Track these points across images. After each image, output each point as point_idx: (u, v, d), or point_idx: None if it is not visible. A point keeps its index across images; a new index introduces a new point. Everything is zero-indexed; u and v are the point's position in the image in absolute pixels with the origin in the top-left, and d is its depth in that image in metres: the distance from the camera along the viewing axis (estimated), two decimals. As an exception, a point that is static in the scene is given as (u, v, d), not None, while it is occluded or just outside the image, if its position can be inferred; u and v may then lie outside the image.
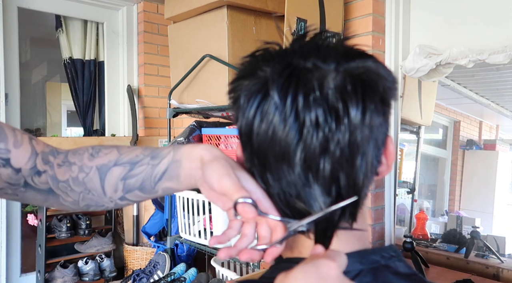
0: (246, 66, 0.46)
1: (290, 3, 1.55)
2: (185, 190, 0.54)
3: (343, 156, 0.41)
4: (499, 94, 3.01)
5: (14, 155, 0.56)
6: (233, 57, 1.85)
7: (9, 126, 0.58)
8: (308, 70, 0.41)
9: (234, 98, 0.46)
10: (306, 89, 0.40)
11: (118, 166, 0.56)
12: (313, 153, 0.40)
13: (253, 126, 0.42)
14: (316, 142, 0.40)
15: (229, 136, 1.92)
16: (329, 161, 0.40)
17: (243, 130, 0.44)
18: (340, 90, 0.40)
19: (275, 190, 0.43)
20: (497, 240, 1.90)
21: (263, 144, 0.42)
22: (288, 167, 0.41)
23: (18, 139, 0.56)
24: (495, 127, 4.63)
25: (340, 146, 0.40)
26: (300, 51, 0.44)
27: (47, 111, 4.46)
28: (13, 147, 0.56)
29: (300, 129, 0.40)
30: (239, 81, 0.45)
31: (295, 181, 0.42)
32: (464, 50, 1.50)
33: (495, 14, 1.54)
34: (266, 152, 0.42)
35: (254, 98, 0.42)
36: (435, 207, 3.67)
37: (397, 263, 0.47)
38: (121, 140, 2.72)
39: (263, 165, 0.43)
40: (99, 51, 2.84)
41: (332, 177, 0.41)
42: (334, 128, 0.40)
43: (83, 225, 2.37)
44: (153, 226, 2.42)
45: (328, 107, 0.40)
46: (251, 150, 0.44)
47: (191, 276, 1.99)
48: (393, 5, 1.76)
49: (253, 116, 0.42)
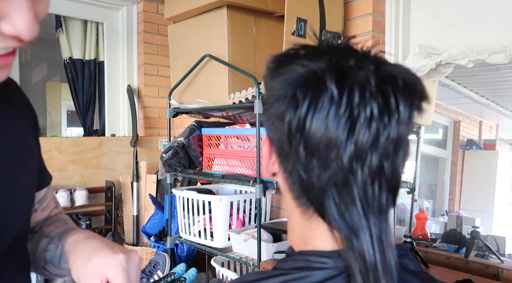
0: (285, 60, 0.46)
1: (290, 3, 1.55)
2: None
3: (390, 149, 0.42)
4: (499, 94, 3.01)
5: (35, 216, 0.77)
6: (233, 57, 1.85)
7: (53, 194, 0.82)
8: (354, 68, 0.43)
9: (278, 90, 0.45)
10: (361, 84, 0.41)
11: (45, 237, 0.73)
12: (364, 145, 0.41)
13: (307, 116, 0.42)
14: (368, 135, 0.41)
15: (229, 136, 1.92)
16: (376, 153, 0.42)
17: (293, 120, 0.43)
18: (391, 87, 0.42)
19: (320, 178, 0.43)
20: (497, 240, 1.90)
21: (315, 133, 0.42)
22: (337, 156, 0.42)
23: (49, 207, 0.80)
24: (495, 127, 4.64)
25: (389, 140, 0.42)
26: (337, 51, 0.45)
27: (47, 111, 4.46)
28: (40, 210, 0.78)
29: (354, 121, 0.41)
30: (281, 75, 0.45)
31: (341, 169, 0.42)
32: (464, 50, 1.50)
33: (495, 14, 1.54)
34: (318, 141, 0.42)
35: (308, 89, 0.42)
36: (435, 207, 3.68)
37: (407, 260, 0.48)
38: (121, 140, 2.72)
39: (311, 153, 0.43)
40: (99, 51, 2.84)
41: (378, 168, 0.42)
42: (386, 122, 0.41)
43: (83, 225, 2.37)
44: (153, 226, 2.42)
45: (382, 102, 0.41)
46: (299, 138, 0.43)
47: (191, 276, 1.99)
48: (393, 5, 1.76)
49: (308, 106, 0.42)
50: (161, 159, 2.04)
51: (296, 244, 0.51)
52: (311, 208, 0.46)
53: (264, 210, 2.03)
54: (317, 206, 0.45)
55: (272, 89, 0.46)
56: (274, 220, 2.07)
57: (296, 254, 0.49)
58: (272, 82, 0.47)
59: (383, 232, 0.43)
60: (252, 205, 1.94)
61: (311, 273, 0.44)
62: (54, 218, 0.80)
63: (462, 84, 2.59)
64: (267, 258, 1.63)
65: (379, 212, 0.43)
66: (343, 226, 0.43)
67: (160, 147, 2.85)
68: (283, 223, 1.97)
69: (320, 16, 1.68)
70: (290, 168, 0.46)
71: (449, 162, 3.83)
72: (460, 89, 2.56)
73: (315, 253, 0.46)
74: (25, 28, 0.44)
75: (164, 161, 2.04)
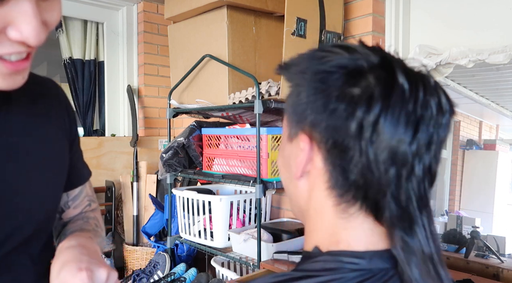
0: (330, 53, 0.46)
1: (290, 3, 1.55)
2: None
3: (438, 149, 0.45)
4: (499, 94, 3.01)
5: (67, 212, 0.83)
6: (233, 57, 1.85)
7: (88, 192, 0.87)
8: (410, 69, 0.45)
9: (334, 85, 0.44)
10: (423, 82, 0.43)
11: (62, 235, 0.78)
12: (422, 143, 0.43)
13: (380, 113, 0.42)
14: (427, 134, 0.43)
15: (229, 136, 1.92)
16: (430, 152, 0.44)
17: (365, 119, 0.42)
18: (443, 91, 0.44)
19: (385, 175, 0.43)
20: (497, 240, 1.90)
21: (386, 132, 0.42)
22: (403, 154, 0.43)
23: (81, 204, 0.84)
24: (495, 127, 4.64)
25: (439, 140, 0.44)
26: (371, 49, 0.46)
27: (47, 111, 4.45)
28: (73, 208, 0.83)
29: (418, 120, 0.42)
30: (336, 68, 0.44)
31: (405, 166, 0.43)
32: (464, 50, 1.50)
33: (495, 14, 1.54)
34: (388, 139, 0.42)
35: (379, 84, 0.42)
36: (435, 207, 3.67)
37: None
38: (121, 140, 2.72)
39: (380, 152, 0.42)
40: (99, 51, 2.84)
41: (428, 165, 0.44)
42: (440, 123, 0.44)
43: (83, 225, 2.37)
44: (153, 226, 2.42)
45: (439, 104, 0.43)
46: (370, 136, 0.42)
47: (191, 276, 1.99)
48: (393, 5, 1.76)
49: (381, 103, 0.42)
50: (161, 159, 2.04)
51: (324, 243, 0.49)
52: (355, 206, 0.46)
53: (264, 210, 2.03)
54: (372, 203, 0.45)
55: (321, 82, 0.45)
56: (274, 220, 2.07)
57: (325, 254, 0.47)
58: (317, 75, 0.45)
59: (432, 224, 0.45)
60: (252, 205, 1.94)
61: (344, 276, 0.44)
62: (81, 216, 0.84)
63: (462, 84, 2.59)
64: (267, 258, 1.63)
65: (426, 206, 0.44)
66: (400, 221, 0.43)
67: (160, 147, 2.85)
68: (283, 223, 1.97)
69: (320, 16, 1.68)
70: (344, 165, 0.44)
71: (449, 162, 3.83)
72: (460, 89, 2.56)
73: (346, 253, 0.45)
74: (31, 34, 0.46)
75: (164, 161, 2.04)
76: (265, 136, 1.71)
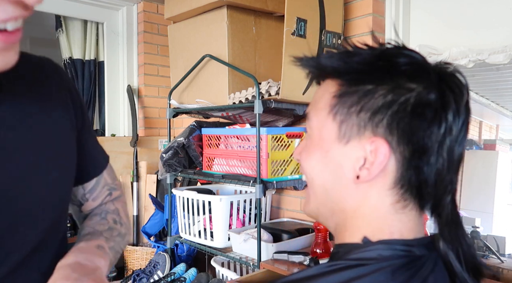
0: (417, 69, 0.49)
1: (290, 3, 1.55)
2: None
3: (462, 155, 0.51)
4: (499, 94, 3.01)
5: (86, 205, 0.77)
6: (233, 57, 1.85)
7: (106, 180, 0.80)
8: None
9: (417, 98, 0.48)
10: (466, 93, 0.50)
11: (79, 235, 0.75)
12: (462, 152, 0.50)
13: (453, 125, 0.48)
14: (463, 144, 0.50)
15: (229, 136, 1.92)
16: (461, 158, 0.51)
17: (448, 129, 0.48)
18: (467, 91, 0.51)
19: (447, 177, 0.50)
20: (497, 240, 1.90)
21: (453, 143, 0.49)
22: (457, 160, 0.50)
23: (100, 196, 0.78)
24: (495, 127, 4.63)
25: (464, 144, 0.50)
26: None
27: (47, 111, 4.45)
28: (92, 200, 0.77)
29: (464, 130, 0.50)
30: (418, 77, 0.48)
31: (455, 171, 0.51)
32: (464, 50, 1.50)
33: (495, 14, 1.54)
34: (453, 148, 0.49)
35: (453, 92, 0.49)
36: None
37: None
38: (121, 140, 2.72)
39: (449, 159, 0.49)
40: (99, 51, 2.84)
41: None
42: (464, 132, 0.50)
43: (83, 225, 2.37)
44: (153, 226, 2.42)
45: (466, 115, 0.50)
46: (447, 145, 0.48)
47: (191, 276, 1.99)
48: (393, 5, 1.76)
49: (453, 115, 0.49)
50: (161, 159, 2.04)
51: (375, 235, 0.51)
52: (413, 202, 0.51)
53: (264, 210, 2.03)
54: (433, 199, 0.51)
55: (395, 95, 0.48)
56: (274, 220, 2.07)
57: (378, 243, 0.50)
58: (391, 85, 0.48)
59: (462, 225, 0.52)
60: (252, 205, 1.93)
61: (398, 262, 0.48)
62: (99, 210, 0.78)
63: (462, 84, 2.58)
64: (267, 258, 1.63)
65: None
66: (450, 216, 0.50)
67: (160, 147, 2.85)
68: (283, 223, 1.97)
69: (320, 16, 1.68)
70: (421, 166, 0.48)
71: (449, 162, 3.82)
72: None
73: (399, 241, 0.49)
74: None
75: (164, 161, 2.03)
76: (265, 136, 1.70)
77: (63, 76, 0.68)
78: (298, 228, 1.80)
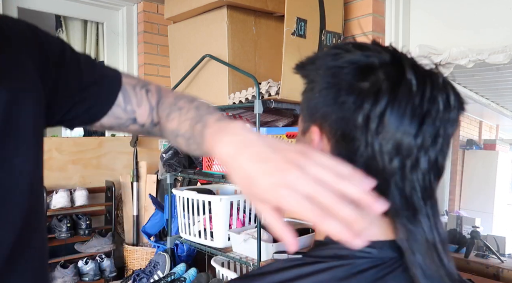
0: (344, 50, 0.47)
1: (290, 3, 1.55)
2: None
3: (446, 144, 0.46)
4: (499, 94, 3.01)
5: (138, 114, 0.67)
6: (233, 57, 1.85)
7: (129, 83, 0.67)
8: (420, 66, 0.46)
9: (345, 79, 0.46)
10: (431, 78, 0.44)
11: (179, 137, 0.63)
12: (428, 138, 0.44)
13: (387, 107, 0.43)
14: (433, 129, 0.44)
15: (229, 136, 1.92)
16: (435, 146, 0.45)
17: (372, 111, 0.44)
18: (452, 88, 0.46)
19: (390, 164, 0.45)
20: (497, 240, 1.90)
21: (392, 124, 0.43)
22: (408, 145, 0.44)
23: (138, 98, 0.67)
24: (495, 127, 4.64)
25: (446, 135, 0.45)
26: (384, 48, 0.48)
27: (47, 111, 4.46)
28: (136, 106, 0.66)
29: (424, 115, 0.44)
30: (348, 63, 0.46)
31: (409, 157, 0.45)
32: (464, 50, 1.50)
33: (495, 14, 1.54)
34: (394, 131, 0.44)
35: (387, 79, 0.44)
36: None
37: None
38: (121, 140, 2.72)
39: (385, 142, 0.44)
40: (99, 51, 2.84)
41: (435, 158, 0.46)
42: (447, 119, 0.45)
43: (83, 225, 2.37)
44: (153, 226, 2.42)
45: (447, 100, 0.44)
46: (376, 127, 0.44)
47: (191, 276, 1.99)
48: (393, 5, 1.76)
49: (388, 97, 0.44)
50: (161, 159, 2.04)
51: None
52: None
53: (264, 210, 2.03)
54: (377, 191, 0.46)
55: (332, 77, 0.47)
56: (274, 220, 2.07)
57: (338, 243, 0.48)
58: (330, 70, 0.47)
59: (436, 215, 0.46)
60: (252, 205, 1.93)
61: (355, 261, 0.46)
62: (165, 112, 0.66)
63: (462, 84, 2.59)
64: (267, 258, 1.63)
65: (431, 198, 0.46)
66: (404, 210, 0.45)
67: (160, 147, 2.85)
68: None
69: (320, 16, 1.68)
70: (350, 156, 0.46)
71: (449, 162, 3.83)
72: (460, 89, 2.56)
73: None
74: None
75: (164, 161, 2.04)
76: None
77: (38, 34, 0.57)
78: (298, 228, 1.80)
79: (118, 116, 0.66)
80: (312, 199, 0.36)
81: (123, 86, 0.66)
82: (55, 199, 2.29)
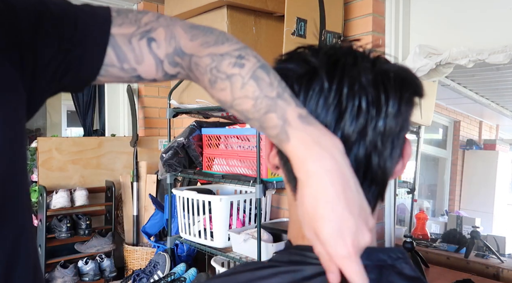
0: (293, 56, 0.50)
1: (290, 3, 1.55)
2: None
3: (378, 141, 0.44)
4: (499, 94, 3.01)
5: (141, 71, 0.55)
6: (233, 57, 1.84)
7: (123, 34, 0.53)
8: (350, 64, 0.45)
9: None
10: (351, 77, 0.44)
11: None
12: (351, 134, 0.43)
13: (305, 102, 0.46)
14: (355, 125, 0.43)
15: (229, 136, 1.92)
16: (364, 144, 0.44)
17: None
18: (382, 82, 0.44)
19: None
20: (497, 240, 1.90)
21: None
22: None
23: (136, 52, 0.54)
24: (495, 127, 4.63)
25: (376, 132, 0.44)
26: (340, 50, 0.48)
27: (47, 111, 4.46)
28: (136, 64, 0.54)
29: (342, 111, 0.43)
30: (285, 65, 0.49)
31: None
32: (464, 50, 1.50)
33: (495, 14, 1.54)
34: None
35: (302, 80, 0.46)
36: (435, 207, 3.67)
37: (403, 264, 0.48)
38: (121, 140, 2.72)
39: None
40: (99, 51, 2.84)
41: (365, 158, 0.44)
42: (374, 115, 0.43)
43: (83, 225, 2.37)
44: (153, 226, 2.42)
45: (373, 96, 0.43)
46: None
47: (191, 276, 1.99)
48: (393, 5, 1.76)
49: (302, 95, 0.45)
50: (161, 159, 2.04)
51: (294, 237, 0.51)
52: None
53: (264, 210, 2.03)
54: None
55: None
56: (274, 220, 2.07)
57: (293, 248, 0.49)
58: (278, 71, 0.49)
59: None
60: (252, 205, 1.93)
61: (304, 268, 0.45)
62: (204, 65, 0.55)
63: (462, 84, 2.59)
64: (267, 258, 1.63)
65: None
66: None
67: (160, 147, 2.85)
68: (283, 223, 1.97)
69: (320, 16, 1.68)
70: (286, 158, 0.46)
71: (449, 162, 3.83)
72: (460, 89, 2.56)
73: (311, 248, 0.43)
74: None
75: (164, 161, 2.03)
76: (265, 136, 1.70)
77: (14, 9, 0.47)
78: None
79: (118, 76, 0.55)
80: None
81: (113, 39, 0.52)
82: (55, 199, 2.29)
